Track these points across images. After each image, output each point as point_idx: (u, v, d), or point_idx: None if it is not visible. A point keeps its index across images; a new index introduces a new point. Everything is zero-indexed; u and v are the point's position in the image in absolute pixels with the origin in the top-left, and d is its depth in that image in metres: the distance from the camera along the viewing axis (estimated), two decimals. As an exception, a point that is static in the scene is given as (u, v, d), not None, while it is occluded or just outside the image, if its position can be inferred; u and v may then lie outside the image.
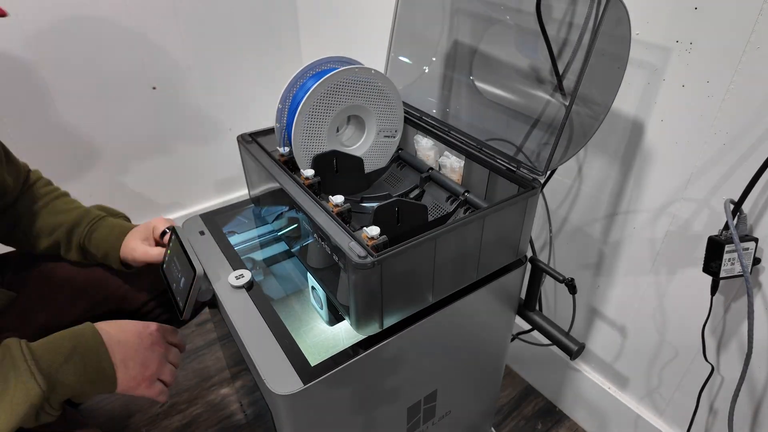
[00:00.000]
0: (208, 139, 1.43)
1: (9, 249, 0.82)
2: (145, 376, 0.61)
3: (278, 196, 0.67)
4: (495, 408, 0.95)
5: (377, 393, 0.63)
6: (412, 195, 0.75)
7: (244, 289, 0.65)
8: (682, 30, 0.63)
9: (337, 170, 0.71)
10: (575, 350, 0.69)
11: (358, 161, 0.74)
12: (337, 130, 0.74)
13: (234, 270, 0.67)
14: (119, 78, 1.21)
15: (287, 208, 0.66)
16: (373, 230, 0.52)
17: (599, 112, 0.61)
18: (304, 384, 0.52)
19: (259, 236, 0.84)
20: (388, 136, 0.76)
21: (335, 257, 0.54)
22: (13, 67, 1.08)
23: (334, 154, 0.71)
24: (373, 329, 0.57)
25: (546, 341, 0.74)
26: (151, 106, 1.29)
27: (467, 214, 0.66)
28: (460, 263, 0.60)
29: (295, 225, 0.66)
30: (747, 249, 0.63)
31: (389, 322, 0.57)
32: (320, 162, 0.70)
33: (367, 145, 0.75)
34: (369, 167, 0.77)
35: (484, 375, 0.83)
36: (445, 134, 0.75)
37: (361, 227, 0.54)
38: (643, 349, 0.86)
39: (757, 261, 0.65)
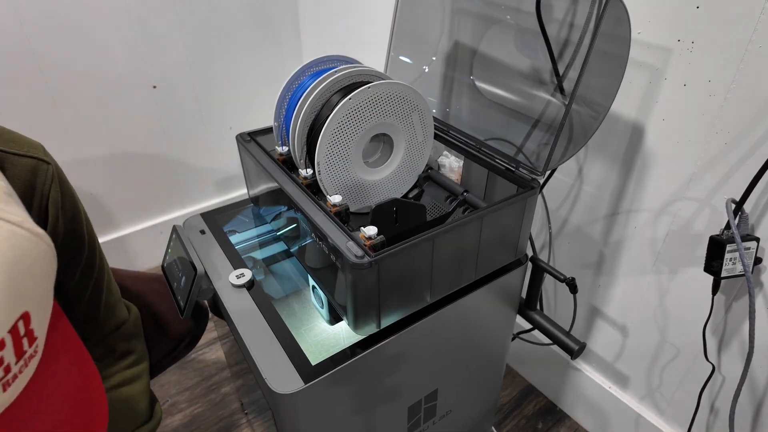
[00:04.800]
0: (208, 137, 1.44)
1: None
2: None
3: (277, 196, 0.67)
4: (496, 407, 0.95)
5: (378, 392, 0.63)
6: (411, 194, 0.74)
7: (244, 288, 0.65)
8: (683, 29, 0.63)
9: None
10: (576, 349, 0.69)
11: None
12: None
13: (235, 269, 0.67)
14: (120, 76, 1.21)
15: (286, 207, 0.66)
16: (371, 230, 0.52)
17: (599, 112, 0.61)
18: (305, 383, 0.52)
19: (260, 235, 0.84)
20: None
21: (333, 257, 0.54)
22: (14, 66, 1.08)
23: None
24: (370, 329, 0.57)
25: (547, 340, 0.74)
26: (151, 104, 1.29)
27: (466, 214, 0.66)
28: (458, 263, 0.60)
29: (294, 225, 0.66)
30: (748, 248, 0.63)
31: (387, 322, 0.57)
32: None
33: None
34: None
35: (484, 374, 0.83)
36: (444, 134, 0.75)
37: (359, 227, 0.54)
38: (644, 348, 0.86)
39: (758, 261, 0.64)
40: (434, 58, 0.81)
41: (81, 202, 0.58)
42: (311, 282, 0.68)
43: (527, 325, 0.77)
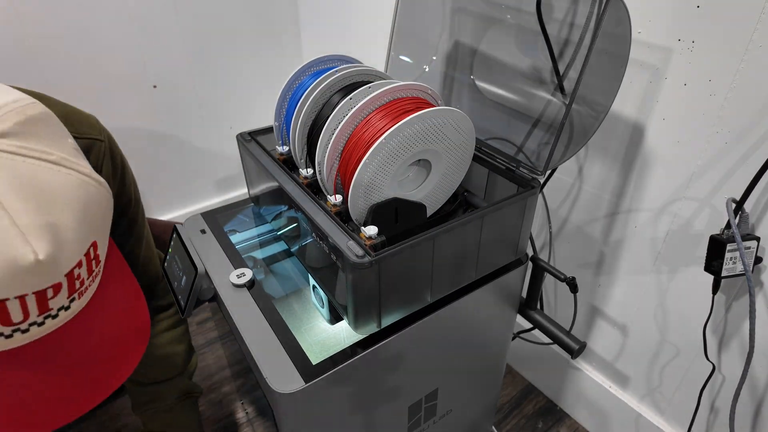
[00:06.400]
0: (208, 137, 1.44)
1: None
2: None
3: (277, 196, 0.67)
4: (496, 406, 0.95)
5: (379, 391, 0.63)
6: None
7: (245, 288, 0.65)
8: (684, 29, 0.63)
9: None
10: (576, 349, 0.69)
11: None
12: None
13: (235, 268, 0.67)
14: (120, 76, 1.21)
15: (286, 207, 0.66)
16: (371, 229, 0.52)
17: (600, 112, 0.61)
18: (306, 382, 0.52)
19: (260, 235, 0.84)
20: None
21: (333, 257, 0.54)
22: (14, 67, 1.08)
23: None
24: (371, 329, 0.57)
25: (547, 340, 0.74)
26: (151, 104, 1.29)
27: (466, 213, 0.66)
28: (458, 263, 0.60)
29: (294, 224, 0.66)
30: (749, 248, 0.63)
31: (387, 321, 0.57)
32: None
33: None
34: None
35: (485, 373, 0.83)
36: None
37: (359, 226, 0.54)
38: (644, 348, 0.86)
39: (758, 260, 0.64)
40: (434, 58, 0.81)
41: (129, 166, 0.73)
42: (312, 281, 0.68)
43: (527, 325, 0.77)
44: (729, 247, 0.63)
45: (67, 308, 0.43)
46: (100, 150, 0.63)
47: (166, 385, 0.80)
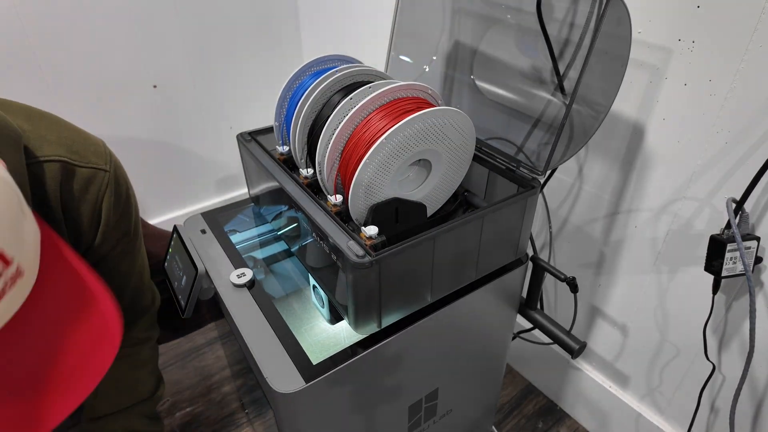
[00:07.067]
0: (208, 137, 1.44)
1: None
2: None
3: (277, 196, 0.67)
4: (496, 406, 0.95)
5: (379, 391, 0.63)
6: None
7: (245, 288, 0.65)
8: (684, 29, 0.63)
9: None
10: (576, 349, 0.69)
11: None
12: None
13: (235, 268, 0.67)
14: (120, 76, 1.21)
15: (286, 207, 0.66)
16: (371, 229, 0.52)
17: (600, 112, 0.61)
18: (306, 382, 0.53)
19: (261, 235, 0.84)
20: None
21: (334, 257, 0.54)
22: (13, 66, 1.08)
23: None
24: (371, 329, 0.57)
25: (547, 340, 0.74)
26: (151, 104, 1.29)
27: (466, 213, 0.66)
28: (458, 263, 0.60)
29: (295, 224, 0.66)
30: (749, 248, 0.63)
31: (387, 321, 0.57)
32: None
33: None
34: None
35: (485, 373, 0.83)
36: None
37: (360, 226, 0.54)
38: (644, 347, 0.86)
39: (758, 260, 0.64)
40: (435, 58, 0.81)
41: (135, 196, 0.69)
42: (312, 281, 0.68)
43: (528, 325, 0.77)
44: (729, 247, 0.63)
45: None
46: (102, 180, 0.62)
47: (125, 413, 0.74)
